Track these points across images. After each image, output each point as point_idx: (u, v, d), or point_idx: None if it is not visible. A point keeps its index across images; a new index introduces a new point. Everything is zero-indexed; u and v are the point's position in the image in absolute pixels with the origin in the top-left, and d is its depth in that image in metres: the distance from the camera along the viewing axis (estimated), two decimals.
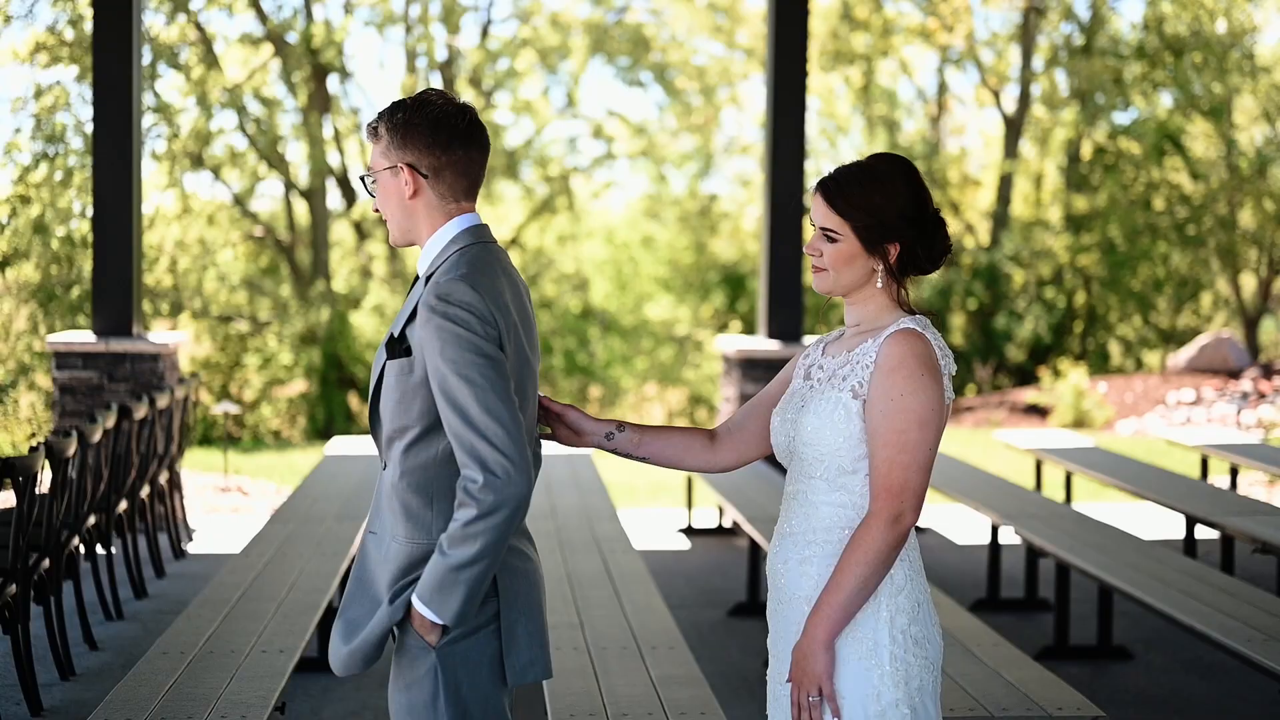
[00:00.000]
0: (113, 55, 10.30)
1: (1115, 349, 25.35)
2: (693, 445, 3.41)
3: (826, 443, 3.14)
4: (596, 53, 24.66)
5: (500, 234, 26.09)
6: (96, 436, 7.27)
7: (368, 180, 3.24)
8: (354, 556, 5.54)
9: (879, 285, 3.17)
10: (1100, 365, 24.61)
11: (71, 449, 6.72)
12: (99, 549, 8.65)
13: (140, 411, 8.35)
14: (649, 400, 25.80)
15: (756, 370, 11.07)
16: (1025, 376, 23.79)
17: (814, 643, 3.08)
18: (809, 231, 9.69)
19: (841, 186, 3.15)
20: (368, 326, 23.15)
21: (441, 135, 3.15)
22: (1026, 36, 25.17)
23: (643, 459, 3.40)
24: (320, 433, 21.81)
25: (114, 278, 10.37)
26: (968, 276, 24.66)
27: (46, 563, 6.66)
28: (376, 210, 3.25)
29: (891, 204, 3.13)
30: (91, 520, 7.66)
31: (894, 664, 3.09)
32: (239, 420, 20.88)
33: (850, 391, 3.13)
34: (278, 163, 23.64)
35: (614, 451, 3.40)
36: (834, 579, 3.07)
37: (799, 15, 11.05)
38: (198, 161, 22.68)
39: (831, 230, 3.17)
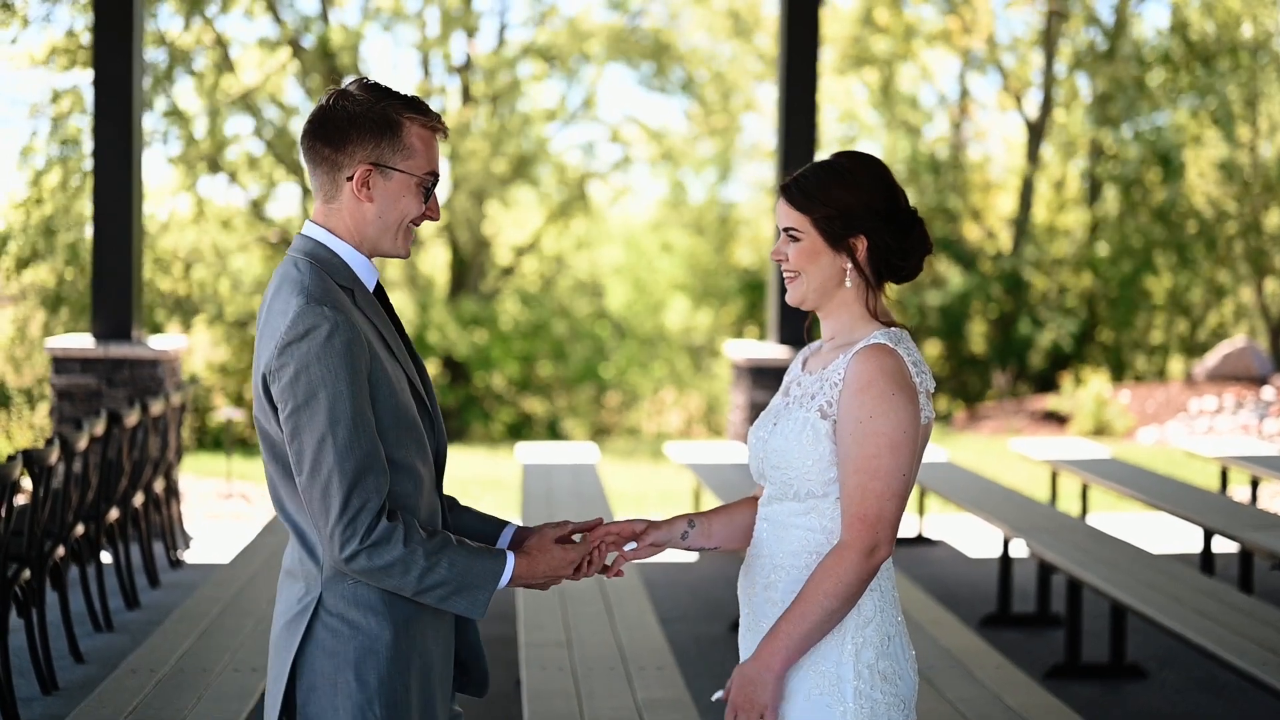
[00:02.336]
0: (114, 57, 10.17)
1: (1138, 356, 25.05)
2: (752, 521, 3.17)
3: (795, 465, 2.96)
4: (616, 57, 24.47)
5: (517, 239, 25.96)
6: (83, 444, 7.11)
7: None
8: None
9: (848, 285, 2.98)
10: (1122, 373, 24.32)
11: (54, 457, 6.56)
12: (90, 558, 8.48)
13: (132, 418, 8.19)
14: (667, 407, 25.59)
15: (766, 378, 10.88)
16: (1046, 384, 23.52)
17: (766, 670, 2.88)
18: None
19: (800, 183, 3.00)
20: None
21: None
22: (1049, 41, 24.93)
23: (714, 548, 3.18)
24: None
25: (114, 282, 10.22)
26: (989, 282, 24.40)
27: (28, 573, 6.50)
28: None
29: (855, 198, 2.96)
30: (80, 530, 7.50)
31: (858, 700, 2.90)
32: (253, 424, 20.70)
33: (818, 411, 2.94)
34: (294, 167, 23.51)
35: (688, 549, 3.18)
36: (798, 607, 2.88)
37: (810, 14, 10.88)
38: (213, 166, 22.58)
39: (794, 229, 3.00)
